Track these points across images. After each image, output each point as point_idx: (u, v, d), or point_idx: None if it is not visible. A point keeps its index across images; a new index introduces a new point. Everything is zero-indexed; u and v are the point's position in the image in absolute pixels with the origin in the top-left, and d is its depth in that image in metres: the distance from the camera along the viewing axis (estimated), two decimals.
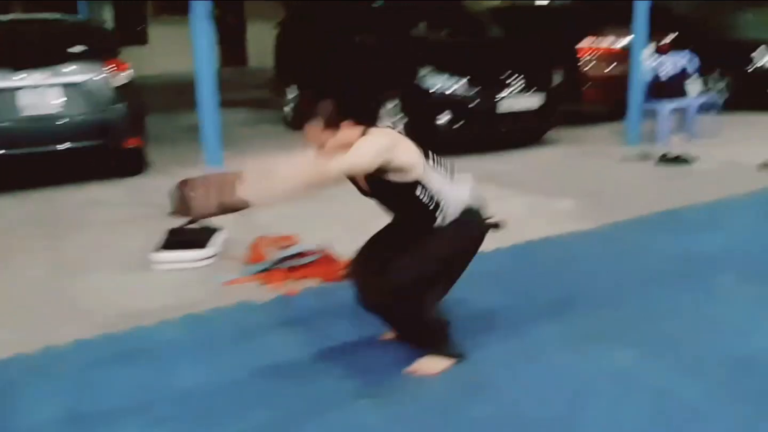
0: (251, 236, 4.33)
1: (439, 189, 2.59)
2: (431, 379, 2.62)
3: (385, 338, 2.93)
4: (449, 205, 2.60)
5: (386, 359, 2.78)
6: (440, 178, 2.62)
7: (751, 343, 2.85)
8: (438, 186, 2.59)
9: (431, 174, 2.59)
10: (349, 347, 2.93)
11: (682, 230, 4.36)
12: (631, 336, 2.93)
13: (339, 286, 3.54)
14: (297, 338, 3.02)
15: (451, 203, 2.60)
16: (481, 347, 2.83)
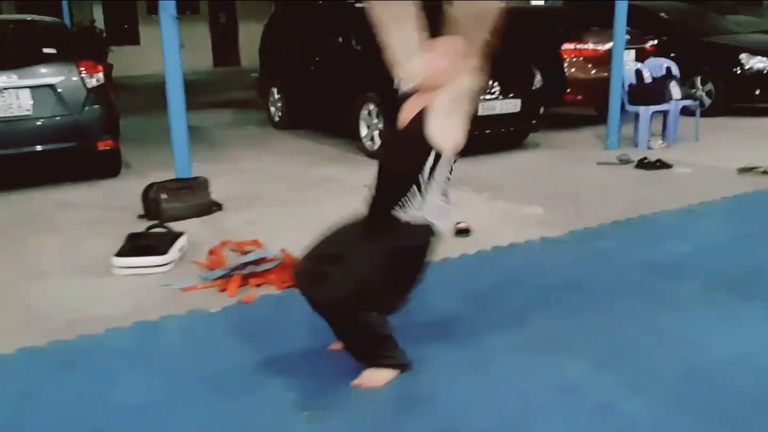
0: (216, 241, 4.30)
1: (435, 185, 2.53)
2: (375, 392, 2.57)
3: (333, 348, 2.89)
4: (423, 211, 2.54)
5: (335, 371, 2.73)
6: (442, 181, 2.56)
7: (705, 354, 2.80)
8: (434, 189, 2.54)
9: (445, 167, 2.53)
10: (300, 358, 2.88)
11: (652, 237, 4.31)
12: (583, 346, 2.89)
13: (295, 293, 3.51)
14: (247, 347, 2.97)
15: (426, 211, 2.54)
16: (431, 358, 2.79)
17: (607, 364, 2.75)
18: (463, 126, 2.54)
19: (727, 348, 2.84)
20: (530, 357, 2.80)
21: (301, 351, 2.93)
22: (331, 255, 2.62)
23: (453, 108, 2.50)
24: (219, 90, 14.64)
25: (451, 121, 2.50)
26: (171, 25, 4.72)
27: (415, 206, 2.53)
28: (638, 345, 2.90)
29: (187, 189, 4.90)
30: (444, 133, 2.48)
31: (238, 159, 7.20)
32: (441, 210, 2.60)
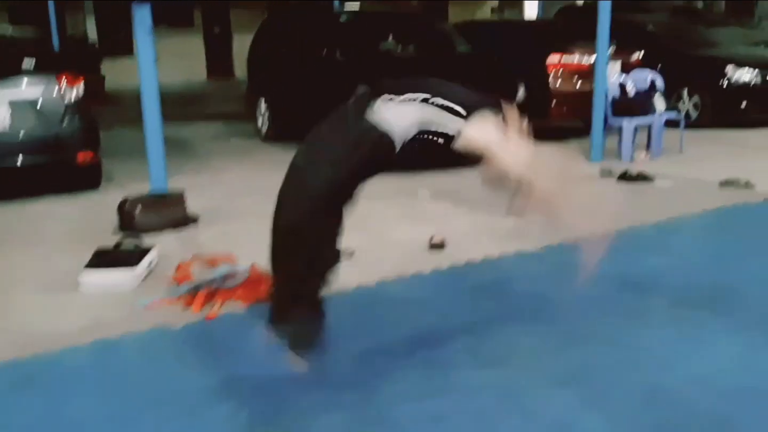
0: (189, 255, 4.25)
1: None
2: (333, 412, 2.52)
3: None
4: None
5: (294, 392, 2.69)
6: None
7: (669, 373, 2.76)
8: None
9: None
10: (258, 378, 2.82)
11: (627, 251, 4.27)
12: (544, 363, 2.85)
13: (262, 310, 3.47)
14: (205, 366, 2.92)
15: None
16: (391, 374, 2.76)
17: (568, 382, 2.71)
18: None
19: (690, 367, 2.80)
20: (491, 374, 2.76)
21: (261, 371, 2.88)
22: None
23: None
24: (211, 102, 14.67)
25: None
26: (146, 38, 4.70)
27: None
28: (602, 362, 2.86)
29: (162, 202, 4.86)
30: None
31: (222, 171, 7.17)
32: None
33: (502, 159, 2.52)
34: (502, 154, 2.52)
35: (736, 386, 2.65)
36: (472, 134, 2.54)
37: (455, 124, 2.55)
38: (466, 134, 2.55)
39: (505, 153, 2.52)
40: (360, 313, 3.44)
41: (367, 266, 4.11)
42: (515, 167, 2.52)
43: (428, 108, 2.57)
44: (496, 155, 2.52)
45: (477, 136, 2.54)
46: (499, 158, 2.52)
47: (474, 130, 2.54)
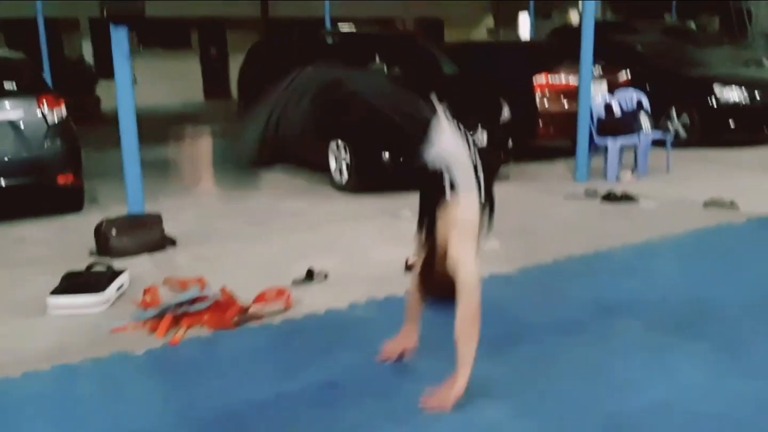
0: (162, 278, 4.22)
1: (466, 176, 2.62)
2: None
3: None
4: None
5: (251, 421, 2.64)
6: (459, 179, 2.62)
7: (633, 399, 2.71)
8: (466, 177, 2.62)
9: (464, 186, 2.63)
10: (218, 406, 2.77)
11: (604, 273, 4.23)
12: (509, 390, 2.79)
13: (229, 335, 3.43)
14: (164, 394, 2.88)
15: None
16: (352, 408, 2.70)
17: (530, 409, 2.66)
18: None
19: (655, 393, 2.74)
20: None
21: (222, 399, 2.82)
22: None
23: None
24: (206, 122, 14.67)
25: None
26: (123, 61, 4.70)
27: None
28: (567, 388, 2.81)
29: (139, 225, 4.84)
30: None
31: (205, 192, 7.14)
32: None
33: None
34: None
35: (698, 413, 2.59)
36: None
37: (455, 189, 2.59)
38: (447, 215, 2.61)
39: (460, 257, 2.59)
40: (327, 336, 3.38)
41: (341, 288, 4.07)
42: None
43: (467, 156, 2.62)
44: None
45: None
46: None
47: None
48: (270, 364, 3.10)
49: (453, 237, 2.61)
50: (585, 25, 6.62)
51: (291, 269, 4.33)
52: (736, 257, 4.48)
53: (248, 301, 3.73)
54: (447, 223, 2.63)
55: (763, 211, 5.58)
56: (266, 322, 3.57)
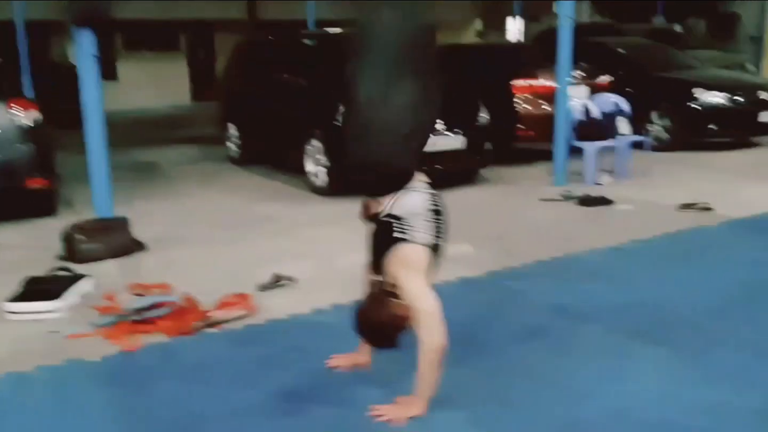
0: (127, 283, 4.17)
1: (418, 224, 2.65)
2: None
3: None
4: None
5: (204, 429, 2.60)
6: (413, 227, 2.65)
7: (588, 406, 2.68)
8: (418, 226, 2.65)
9: (416, 234, 2.65)
10: (171, 415, 2.73)
11: (571, 277, 4.20)
12: (465, 397, 2.76)
13: (188, 342, 3.39)
14: (118, 403, 2.83)
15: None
16: (306, 418, 2.67)
17: (484, 417, 2.63)
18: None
19: (611, 400, 2.72)
20: None
21: (176, 408, 2.78)
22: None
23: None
24: (192, 125, 14.61)
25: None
26: (89, 63, 4.66)
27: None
28: (523, 395, 2.78)
29: (106, 229, 4.79)
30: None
31: (183, 196, 7.09)
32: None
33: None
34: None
35: (652, 421, 2.57)
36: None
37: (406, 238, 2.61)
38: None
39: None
40: (288, 342, 3.34)
41: (308, 294, 4.03)
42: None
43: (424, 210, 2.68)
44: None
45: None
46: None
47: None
48: (228, 372, 3.06)
49: (401, 276, 2.58)
50: (562, 28, 6.60)
51: (259, 274, 4.29)
52: (705, 261, 4.46)
53: (211, 306, 3.69)
54: (395, 263, 2.61)
55: (737, 214, 5.58)
56: (228, 328, 3.53)
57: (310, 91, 7.01)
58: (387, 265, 2.63)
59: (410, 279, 2.57)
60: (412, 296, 2.56)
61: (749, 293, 3.84)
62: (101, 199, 4.86)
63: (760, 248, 4.69)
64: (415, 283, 2.58)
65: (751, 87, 9.05)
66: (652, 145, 8.61)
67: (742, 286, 3.96)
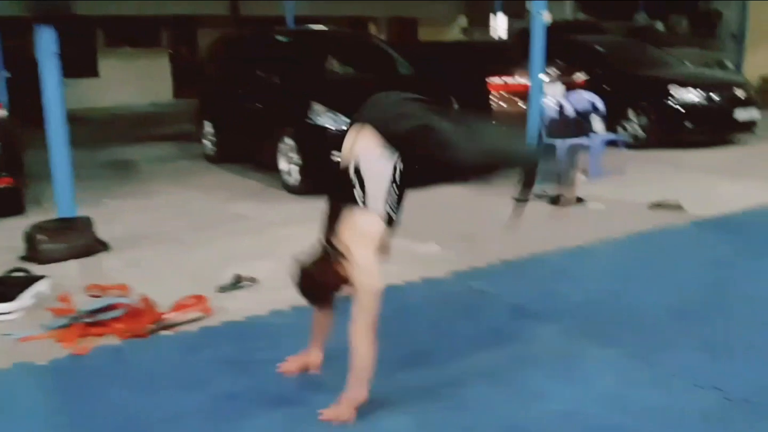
0: (86, 284, 4.11)
1: (377, 193, 2.63)
2: None
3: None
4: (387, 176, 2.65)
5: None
6: (370, 192, 2.64)
7: (535, 409, 2.66)
8: (377, 194, 2.63)
9: (372, 202, 2.64)
10: (115, 420, 2.69)
11: (534, 277, 4.18)
12: (412, 401, 2.73)
13: (140, 344, 3.34)
14: (61, 406, 2.79)
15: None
16: (249, 422, 2.63)
17: (431, 420, 2.60)
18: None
19: (560, 403, 2.70)
20: (358, 413, 2.63)
21: (121, 412, 2.74)
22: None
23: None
24: (173, 122, 14.50)
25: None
26: (51, 62, 4.58)
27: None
28: (472, 398, 2.75)
29: (68, 229, 4.72)
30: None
31: (156, 194, 7.02)
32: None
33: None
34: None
35: (599, 424, 2.55)
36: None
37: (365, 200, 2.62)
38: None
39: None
40: (241, 344, 3.30)
41: (268, 295, 3.98)
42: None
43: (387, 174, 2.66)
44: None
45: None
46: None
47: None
48: (176, 375, 3.02)
49: (353, 243, 2.56)
50: (534, 25, 6.58)
51: (223, 275, 4.24)
52: (670, 261, 4.45)
53: (168, 308, 3.64)
54: (349, 229, 2.58)
55: (707, 213, 5.58)
56: (182, 330, 3.48)
57: (282, 89, 6.96)
58: (341, 228, 2.61)
59: (360, 248, 2.56)
60: (358, 268, 2.54)
61: (710, 293, 3.84)
62: (63, 198, 4.78)
63: (725, 248, 4.69)
64: (364, 254, 2.56)
65: (728, 84, 9.08)
66: (629, 143, 8.61)
67: (705, 286, 3.96)
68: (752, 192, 6.33)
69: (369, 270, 2.56)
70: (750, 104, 8.91)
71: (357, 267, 2.55)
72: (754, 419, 2.55)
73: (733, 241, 4.84)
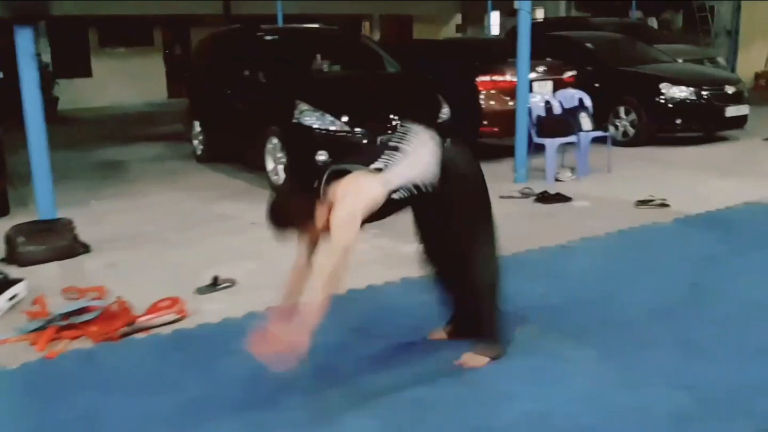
0: (64, 286, 4.09)
1: (404, 174, 2.66)
2: None
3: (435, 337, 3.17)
4: (423, 176, 2.70)
5: None
6: (398, 167, 2.67)
7: (503, 412, 2.63)
8: (402, 174, 2.66)
9: (392, 175, 2.66)
10: (81, 425, 2.66)
11: (514, 277, 4.04)
12: (379, 404, 2.70)
13: (112, 348, 3.31)
14: (28, 411, 2.76)
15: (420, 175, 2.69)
16: (215, 422, 2.60)
17: (397, 423, 2.57)
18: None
19: (530, 404, 2.67)
20: (324, 419, 2.61)
21: (87, 416, 2.71)
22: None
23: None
24: (165, 122, 14.47)
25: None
26: (29, 63, 4.56)
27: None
28: (443, 398, 2.73)
29: (48, 231, 4.69)
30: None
31: (143, 195, 6.99)
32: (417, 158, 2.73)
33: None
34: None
35: (570, 426, 2.52)
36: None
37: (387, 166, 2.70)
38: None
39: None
40: (213, 348, 3.28)
41: (245, 297, 3.96)
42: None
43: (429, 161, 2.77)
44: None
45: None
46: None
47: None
48: (146, 378, 3.00)
49: (348, 195, 2.57)
50: (521, 23, 6.55)
51: (202, 276, 4.22)
52: (652, 259, 4.42)
53: (143, 311, 3.62)
54: (352, 183, 2.61)
55: (693, 210, 5.55)
56: (156, 332, 3.46)
57: (268, 88, 6.93)
58: (345, 179, 2.61)
59: (353, 204, 2.55)
60: (340, 219, 2.53)
61: (690, 291, 3.81)
62: (44, 200, 4.76)
63: (709, 245, 4.66)
64: (355, 210, 2.54)
65: (719, 81, 9.04)
66: (619, 140, 8.60)
67: (687, 284, 3.93)
68: (739, 189, 6.30)
69: (350, 225, 2.55)
70: (740, 101, 8.88)
71: (339, 218, 2.54)
72: (722, 420, 2.52)
73: (717, 239, 4.81)
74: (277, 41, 7.56)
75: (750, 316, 3.42)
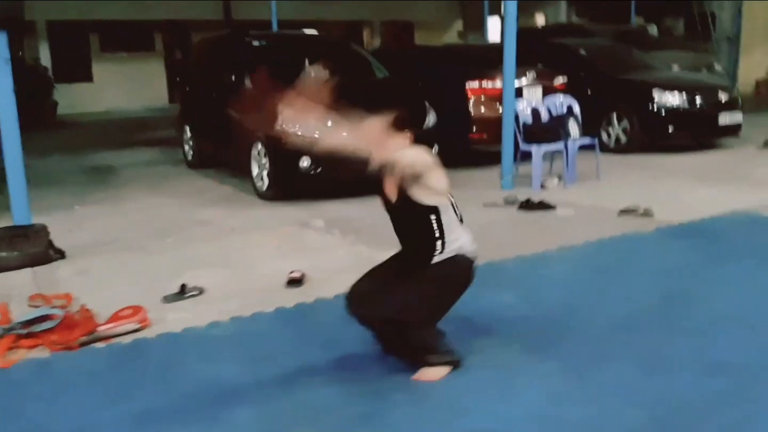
0: (33, 293, 4.06)
1: (449, 224, 2.90)
2: None
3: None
4: (452, 242, 2.90)
5: None
6: (453, 216, 2.95)
7: (462, 424, 2.58)
8: (449, 221, 2.90)
9: (449, 208, 2.92)
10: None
11: (485, 286, 3.98)
12: (331, 420, 2.65)
13: (68, 357, 3.28)
14: None
15: (453, 241, 2.91)
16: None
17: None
18: (439, 175, 2.84)
19: (485, 419, 2.62)
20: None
21: (36, 428, 2.68)
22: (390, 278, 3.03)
23: (418, 170, 2.80)
24: (164, 127, 14.51)
25: (426, 180, 2.80)
26: (4, 67, 4.55)
27: (445, 243, 2.90)
28: (399, 414, 2.67)
29: (22, 237, 4.68)
30: (428, 193, 2.83)
31: (127, 201, 6.98)
32: (463, 233, 2.99)
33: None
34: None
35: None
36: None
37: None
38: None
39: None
40: (170, 358, 3.24)
41: (211, 305, 3.92)
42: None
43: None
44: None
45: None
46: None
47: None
48: (100, 389, 2.96)
49: (428, 171, 2.82)
50: (506, 29, 6.51)
51: (172, 284, 4.18)
52: (628, 269, 4.35)
53: (105, 319, 3.59)
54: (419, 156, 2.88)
55: (676, 219, 5.48)
56: (115, 342, 3.42)
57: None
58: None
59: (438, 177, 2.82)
60: (434, 190, 2.80)
61: (661, 304, 3.73)
62: (18, 206, 4.75)
63: (687, 255, 4.59)
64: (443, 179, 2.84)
65: (712, 88, 8.97)
66: (612, 147, 8.54)
67: (657, 296, 3.85)
68: (728, 197, 6.23)
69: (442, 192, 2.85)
70: (734, 108, 8.80)
71: (432, 189, 2.81)
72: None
73: (697, 248, 4.73)
74: (264, 47, 7.55)
75: (716, 328, 3.35)
